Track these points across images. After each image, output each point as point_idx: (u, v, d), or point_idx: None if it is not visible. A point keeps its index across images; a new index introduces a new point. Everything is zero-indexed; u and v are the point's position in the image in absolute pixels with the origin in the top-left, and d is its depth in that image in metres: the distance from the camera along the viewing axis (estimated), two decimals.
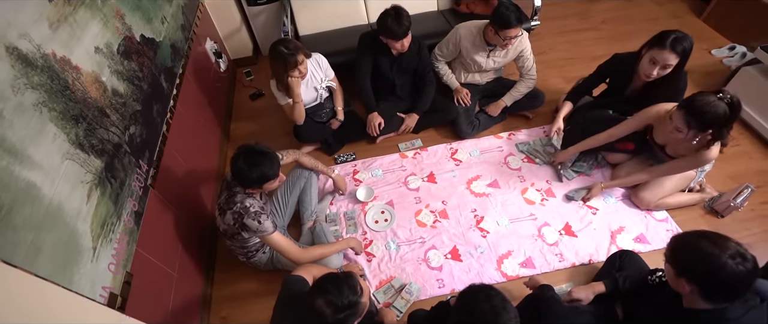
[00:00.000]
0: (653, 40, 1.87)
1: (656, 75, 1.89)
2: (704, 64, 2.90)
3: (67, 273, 1.06)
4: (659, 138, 1.89)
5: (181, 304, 1.65)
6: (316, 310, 1.11)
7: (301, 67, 2.01)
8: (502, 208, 2.14)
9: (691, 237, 1.14)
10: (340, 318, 1.12)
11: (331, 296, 1.12)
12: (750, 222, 2.02)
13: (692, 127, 1.61)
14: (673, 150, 1.87)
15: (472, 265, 1.93)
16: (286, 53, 1.94)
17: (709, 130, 1.61)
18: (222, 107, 2.74)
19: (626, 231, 2.01)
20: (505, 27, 2.07)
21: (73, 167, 1.16)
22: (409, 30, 2.11)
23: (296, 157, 1.98)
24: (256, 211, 1.56)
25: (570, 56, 3.12)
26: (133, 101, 1.58)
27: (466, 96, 2.47)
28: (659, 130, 1.87)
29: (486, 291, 1.12)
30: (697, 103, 1.57)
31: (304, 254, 1.65)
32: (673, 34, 1.81)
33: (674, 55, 1.82)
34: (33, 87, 1.07)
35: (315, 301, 1.12)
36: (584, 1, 3.76)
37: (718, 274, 1.04)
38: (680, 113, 1.62)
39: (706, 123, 1.57)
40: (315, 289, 1.16)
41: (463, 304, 1.15)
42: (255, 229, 1.56)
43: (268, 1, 2.90)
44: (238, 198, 1.57)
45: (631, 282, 1.51)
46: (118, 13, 1.63)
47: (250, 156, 1.52)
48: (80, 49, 1.32)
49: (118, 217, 1.33)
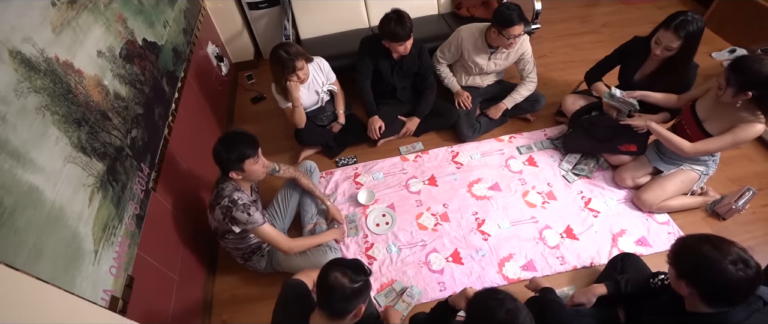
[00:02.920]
0: (665, 19, 1.87)
1: (660, 55, 1.90)
2: (705, 67, 2.89)
3: (69, 276, 1.06)
4: (702, 110, 1.82)
5: (182, 307, 1.65)
6: (331, 284, 1.10)
7: (300, 72, 2.01)
8: (504, 211, 2.14)
9: (695, 240, 1.13)
10: (358, 286, 1.11)
11: (343, 268, 1.12)
12: (752, 225, 2.02)
13: (731, 84, 1.57)
14: (712, 125, 1.78)
15: (474, 268, 1.92)
16: (285, 58, 1.94)
17: (748, 92, 1.56)
18: (223, 111, 2.75)
19: (628, 234, 2.00)
20: (507, 25, 2.08)
21: (75, 170, 1.16)
22: (412, 32, 2.11)
23: (296, 176, 1.96)
24: (245, 204, 1.56)
25: (570, 59, 3.13)
26: (135, 105, 1.59)
27: (467, 99, 2.47)
28: (705, 100, 1.82)
29: (495, 296, 1.10)
30: (746, 60, 1.56)
31: (291, 243, 1.71)
32: (681, 17, 1.80)
33: (676, 37, 1.81)
34: (36, 90, 1.07)
35: (328, 276, 1.11)
36: (584, 4, 3.77)
37: (718, 279, 1.04)
38: (725, 70, 1.60)
39: (748, 80, 1.53)
40: (325, 268, 1.14)
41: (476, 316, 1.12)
42: (245, 221, 1.56)
43: (269, 4, 2.91)
44: (225, 192, 1.57)
45: (633, 284, 1.50)
46: (121, 17, 1.64)
47: (228, 138, 1.56)
48: (83, 53, 1.33)
49: (119, 220, 1.33)
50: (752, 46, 2.84)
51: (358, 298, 1.13)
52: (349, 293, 1.10)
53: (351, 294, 1.10)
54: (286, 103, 2.17)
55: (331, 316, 1.14)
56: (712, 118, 1.78)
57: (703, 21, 1.81)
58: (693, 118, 1.84)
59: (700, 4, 3.51)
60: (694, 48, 1.87)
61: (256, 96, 2.99)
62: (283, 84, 2.04)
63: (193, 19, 2.48)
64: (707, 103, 1.80)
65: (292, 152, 2.54)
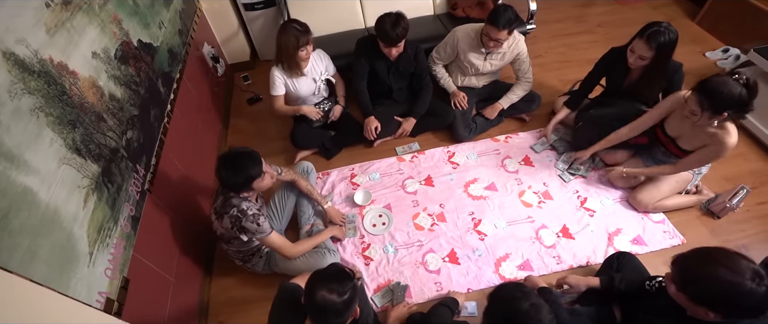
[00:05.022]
0: (640, 30, 1.90)
1: (633, 63, 1.94)
2: (698, 67, 2.93)
3: (64, 278, 1.06)
4: (672, 129, 1.87)
5: (178, 309, 1.64)
6: (321, 304, 1.09)
7: (310, 47, 2.10)
8: (500, 211, 2.15)
9: (702, 264, 1.08)
10: (347, 296, 1.11)
11: (328, 283, 1.11)
12: (746, 223, 2.03)
13: (705, 109, 1.58)
14: (686, 142, 1.83)
15: (470, 268, 1.93)
16: (299, 30, 2.05)
17: (724, 113, 1.57)
18: (219, 112, 2.74)
19: (623, 233, 2.01)
20: (490, 23, 2.10)
21: (70, 172, 1.16)
22: (401, 40, 2.11)
23: (294, 179, 1.96)
24: (254, 214, 1.57)
25: (566, 59, 3.15)
26: (130, 106, 1.58)
27: (463, 99, 2.48)
28: (674, 119, 1.85)
29: (521, 289, 1.11)
30: (711, 83, 1.55)
31: (294, 249, 1.73)
32: (654, 27, 1.83)
33: (648, 48, 1.84)
34: (30, 92, 1.07)
35: (315, 296, 1.10)
36: (579, 5, 3.80)
37: (746, 301, 1.01)
38: (694, 95, 1.60)
39: (722, 104, 1.54)
40: (310, 287, 1.13)
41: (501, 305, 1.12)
42: (254, 231, 1.57)
43: (265, 5, 2.91)
44: (234, 201, 1.58)
45: (628, 283, 1.51)
46: (116, 18, 1.63)
47: (230, 161, 1.53)
48: (77, 54, 1.32)
49: (115, 222, 1.32)
50: (745, 45, 2.87)
51: (350, 307, 1.13)
52: (340, 308, 1.10)
53: (343, 307, 1.11)
54: (280, 90, 2.22)
55: None
56: (684, 135, 1.83)
57: (676, 32, 1.84)
58: (666, 138, 1.90)
59: (694, 3, 3.54)
60: (667, 58, 1.91)
61: (252, 97, 2.98)
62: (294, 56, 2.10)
63: (189, 20, 2.48)
64: (675, 122, 1.84)
65: (288, 153, 2.53)
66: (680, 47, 1.91)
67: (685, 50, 3.04)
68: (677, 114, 1.82)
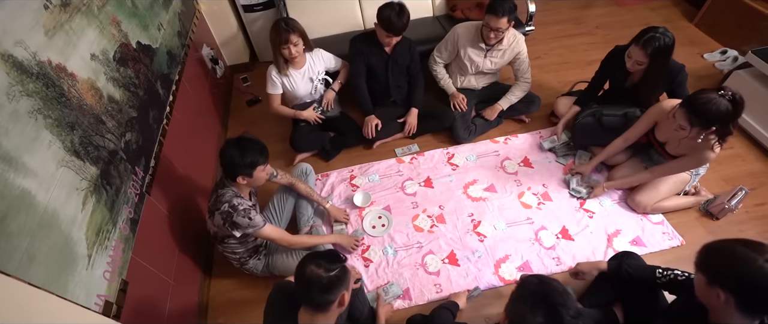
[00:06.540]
0: (636, 35, 1.91)
1: (631, 68, 1.97)
2: (696, 68, 2.94)
3: (62, 281, 1.05)
4: (661, 135, 1.90)
5: (177, 311, 1.63)
6: (307, 277, 1.09)
7: (293, 47, 2.11)
8: (499, 213, 2.15)
9: (725, 243, 1.08)
10: (334, 273, 1.10)
11: (317, 259, 1.12)
12: (744, 224, 2.03)
13: (694, 125, 1.61)
14: (673, 148, 1.87)
15: (470, 270, 1.93)
16: (283, 28, 2.06)
17: (712, 128, 1.61)
18: (219, 113, 2.74)
19: (623, 234, 2.01)
20: (489, 12, 2.11)
21: (69, 174, 1.15)
22: (406, 28, 2.16)
23: (292, 182, 1.96)
24: (246, 209, 1.57)
25: (565, 61, 3.15)
26: (129, 108, 1.58)
27: (462, 101, 2.48)
28: (662, 127, 1.88)
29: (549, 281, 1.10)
30: (698, 101, 1.57)
31: (291, 239, 1.71)
32: (650, 33, 1.84)
33: (643, 54, 1.86)
34: (28, 94, 1.06)
35: (304, 271, 1.10)
36: (578, 6, 3.81)
37: (756, 279, 0.98)
38: (682, 111, 1.62)
39: (709, 120, 1.57)
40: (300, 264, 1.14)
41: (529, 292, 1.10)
42: (246, 225, 1.56)
43: (264, 7, 2.91)
44: (225, 198, 1.57)
45: (636, 269, 1.49)
46: (115, 20, 1.63)
47: (240, 143, 1.55)
48: (76, 56, 1.32)
49: (113, 224, 1.32)
50: (743, 46, 2.88)
51: (337, 287, 1.11)
52: (326, 283, 1.09)
53: (328, 284, 1.09)
54: (276, 90, 2.24)
55: (315, 310, 1.13)
56: (671, 142, 1.87)
57: (672, 37, 1.85)
58: (657, 143, 1.95)
59: (692, 5, 3.55)
60: (664, 63, 1.92)
61: (252, 98, 2.98)
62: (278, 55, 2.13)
63: (188, 22, 2.48)
64: (665, 130, 1.87)
65: (287, 156, 2.53)
66: (678, 49, 1.92)
67: (684, 52, 3.05)
68: (664, 122, 1.84)
